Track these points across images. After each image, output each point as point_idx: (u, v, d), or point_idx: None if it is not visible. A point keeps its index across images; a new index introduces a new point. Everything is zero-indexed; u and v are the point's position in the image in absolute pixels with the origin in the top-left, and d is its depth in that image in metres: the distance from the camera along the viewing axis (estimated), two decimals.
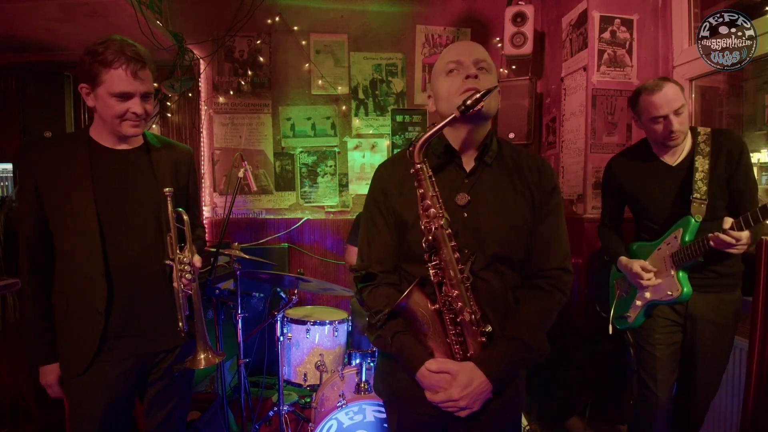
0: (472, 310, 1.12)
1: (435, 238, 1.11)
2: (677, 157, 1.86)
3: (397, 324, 1.19)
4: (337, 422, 1.97)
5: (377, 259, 1.26)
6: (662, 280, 1.84)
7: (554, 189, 1.24)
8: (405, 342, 1.18)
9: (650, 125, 1.84)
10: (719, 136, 1.81)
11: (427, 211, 1.11)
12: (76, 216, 1.36)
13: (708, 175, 1.76)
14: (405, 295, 1.13)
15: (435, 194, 1.13)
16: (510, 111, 3.10)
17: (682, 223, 1.80)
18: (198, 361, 1.45)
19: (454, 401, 1.12)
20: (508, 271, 1.20)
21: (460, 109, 1.08)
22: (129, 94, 1.35)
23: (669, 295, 1.82)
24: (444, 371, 1.14)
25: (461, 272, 1.11)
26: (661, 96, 1.77)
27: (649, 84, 1.82)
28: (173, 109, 3.56)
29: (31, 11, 2.60)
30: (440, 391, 1.14)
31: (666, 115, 1.77)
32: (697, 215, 1.75)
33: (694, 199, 1.76)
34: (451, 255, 1.11)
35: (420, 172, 1.12)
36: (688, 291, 1.78)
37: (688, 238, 1.76)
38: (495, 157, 1.24)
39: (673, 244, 1.81)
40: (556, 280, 1.20)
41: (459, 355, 1.16)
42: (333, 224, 3.73)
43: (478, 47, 1.22)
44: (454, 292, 1.11)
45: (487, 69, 1.19)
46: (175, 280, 1.42)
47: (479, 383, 1.12)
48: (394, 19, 3.66)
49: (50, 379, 1.44)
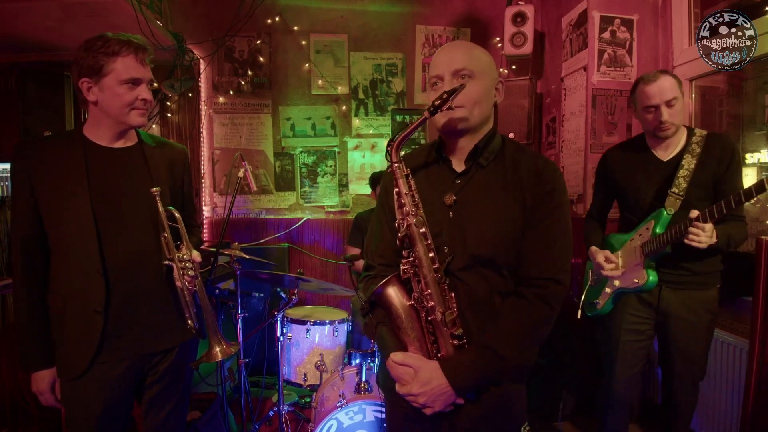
0: (445, 311, 1.12)
1: (408, 235, 1.13)
2: (669, 153, 1.88)
3: (382, 314, 1.22)
4: (337, 422, 1.97)
5: (378, 253, 1.30)
6: (630, 269, 1.89)
7: (552, 192, 1.16)
8: (383, 333, 1.22)
9: (643, 114, 1.87)
10: (713, 139, 1.82)
11: (401, 208, 1.15)
12: (72, 215, 1.35)
13: (691, 174, 1.78)
14: (380, 285, 1.16)
15: (410, 192, 1.16)
16: (510, 111, 3.10)
17: (655, 215, 1.84)
18: (214, 354, 1.46)
19: (414, 396, 1.13)
20: (493, 274, 1.16)
21: (429, 110, 1.12)
22: (139, 80, 1.37)
23: (635, 282, 1.87)
24: (407, 365, 1.15)
25: (435, 271, 1.12)
26: (655, 86, 1.80)
27: (648, 75, 1.85)
28: (173, 109, 3.56)
29: (31, 11, 2.60)
30: (405, 384, 1.15)
31: (657, 105, 1.80)
32: (670, 208, 1.79)
33: (671, 193, 1.80)
34: (425, 253, 1.12)
35: (397, 170, 1.16)
36: (653, 280, 1.83)
37: (659, 230, 1.80)
38: (494, 157, 1.22)
39: (645, 234, 1.86)
40: (542, 290, 1.13)
41: (433, 353, 1.16)
42: (333, 224, 3.73)
43: (458, 53, 1.19)
44: (427, 291, 1.12)
45: (469, 75, 1.16)
46: (178, 279, 1.41)
47: (438, 384, 1.11)
48: (394, 19, 3.66)
49: (42, 386, 1.41)
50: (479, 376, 1.13)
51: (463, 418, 1.17)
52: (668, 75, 1.82)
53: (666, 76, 1.81)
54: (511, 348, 1.12)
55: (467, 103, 1.16)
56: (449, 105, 1.11)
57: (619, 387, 1.97)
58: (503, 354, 1.11)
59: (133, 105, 1.38)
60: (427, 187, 1.21)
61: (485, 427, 1.18)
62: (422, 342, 1.17)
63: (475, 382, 1.14)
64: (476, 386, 1.15)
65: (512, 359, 1.12)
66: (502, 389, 1.18)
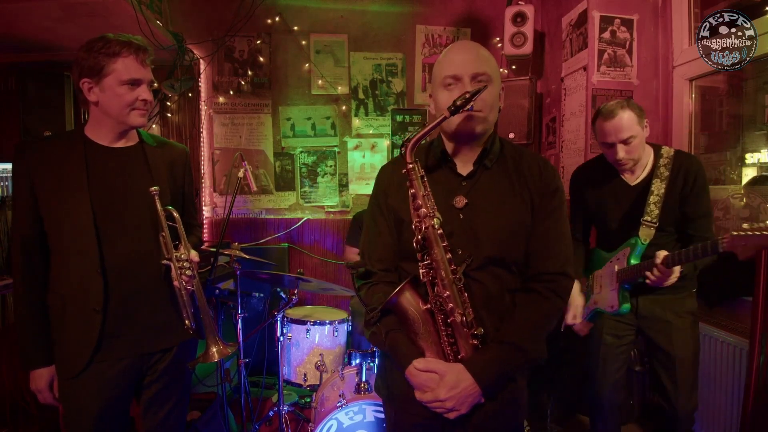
0: (464, 312, 1.12)
1: (426, 238, 1.12)
2: (636, 176, 1.88)
3: (392, 321, 1.20)
4: (337, 422, 1.97)
5: (377, 258, 1.27)
6: (608, 291, 1.92)
7: (555, 190, 1.21)
8: (398, 340, 1.18)
9: (602, 147, 1.88)
10: (680, 160, 1.81)
11: (417, 211, 1.13)
12: (71, 214, 1.36)
13: (662, 200, 1.78)
14: (396, 292, 1.13)
15: (426, 194, 1.14)
16: (510, 111, 3.10)
17: (629, 243, 1.85)
18: (211, 354, 1.46)
19: (441, 401, 1.11)
20: (504, 273, 1.19)
21: (450, 109, 1.09)
22: (139, 81, 1.38)
23: (611, 307, 1.90)
24: (431, 371, 1.14)
25: (453, 273, 1.12)
26: (612, 124, 1.77)
27: (607, 108, 1.81)
28: (173, 109, 3.56)
29: (31, 11, 2.60)
30: (428, 390, 1.13)
31: (613, 143, 1.79)
32: (645, 238, 1.80)
33: (644, 221, 1.80)
34: (443, 255, 1.11)
35: (412, 171, 1.14)
36: (626, 307, 1.86)
37: (633, 260, 1.82)
38: (496, 159, 1.23)
39: (622, 260, 1.87)
40: (554, 284, 1.18)
41: (451, 356, 1.15)
42: (333, 224, 3.73)
43: (478, 57, 1.17)
44: (445, 293, 1.11)
45: (487, 80, 1.16)
46: (176, 279, 1.41)
47: (467, 385, 1.11)
48: (394, 19, 3.66)
49: (41, 384, 1.41)
50: (503, 372, 1.15)
51: (476, 416, 1.16)
52: (627, 109, 1.77)
53: (625, 111, 1.76)
54: (530, 341, 1.15)
55: (485, 108, 1.16)
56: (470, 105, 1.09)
57: (604, 391, 1.98)
58: (524, 347, 1.13)
59: (134, 105, 1.39)
60: (433, 189, 1.20)
61: (496, 423, 1.19)
62: (438, 346, 1.16)
63: (499, 379, 1.16)
64: (500, 383, 1.16)
65: (532, 352, 1.15)
66: (515, 384, 1.21)
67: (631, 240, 1.84)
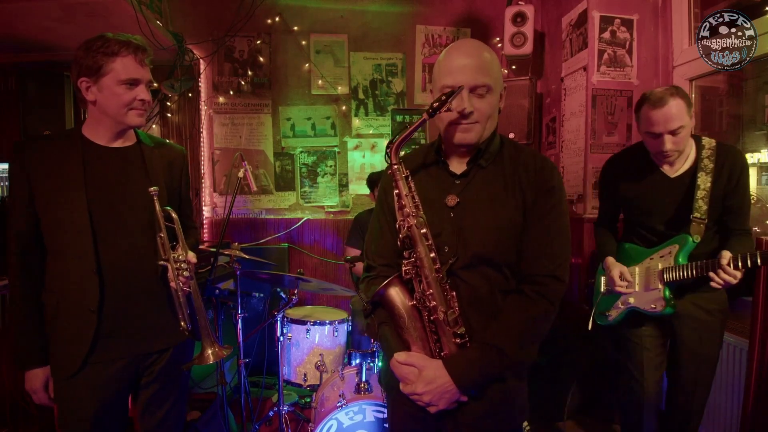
0: (447, 310, 1.13)
1: (409, 236, 1.14)
2: (676, 168, 1.79)
3: (384, 314, 1.23)
4: (337, 422, 1.97)
5: (378, 254, 1.30)
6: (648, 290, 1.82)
7: (552, 190, 1.17)
8: (386, 333, 1.22)
9: (646, 137, 1.78)
10: (723, 152, 1.73)
11: (401, 210, 1.16)
12: (68, 214, 1.35)
13: (709, 194, 1.69)
14: (383, 286, 1.17)
15: (410, 193, 1.16)
16: (510, 111, 3.10)
17: (679, 240, 1.75)
18: (206, 357, 1.44)
19: (418, 395, 1.14)
20: (493, 273, 1.17)
21: (428, 111, 1.13)
22: (137, 81, 1.37)
23: (652, 308, 1.80)
24: (411, 364, 1.16)
25: (437, 271, 1.13)
26: (661, 113, 1.66)
27: (656, 95, 1.70)
28: (173, 109, 3.56)
29: (31, 11, 2.60)
30: (408, 383, 1.16)
31: (660, 134, 1.69)
32: (696, 236, 1.71)
33: (694, 218, 1.71)
34: (427, 253, 1.13)
35: (396, 172, 1.17)
36: (670, 310, 1.76)
37: (682, 259, 1.73)
38: (493, 158, 1.23)
39: (667, 259, 1.77)
40: (542, 287, 1.15)
41: (436, 352, 1.17)
42: (333, 224, 3.73)
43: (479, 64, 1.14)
44: (429, 290, 1.13)
45: (488, 90, 1.14)
46: (172, 280, 1.40)
47: (443, 382, 1.12)
48: (394, 19, 3.66)
49: (36, 384, 1.40)
50: (482, 374, 1.14)
51: (466, 415, 1.17)
52: (677, 97, 1.66)
53: (675, 100, 1.65)
54: (513, 344, 1.13)
55: (482, 119, 1.16)
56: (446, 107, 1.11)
57: (650, 389, 1.88)
58: (506, 351, 1.12)
59: (131, 105, 1.38)
60: (427, 188, 1.22)
61: (488, 423, 1.19)
62: (425, 341, 1.18)
63: (478, 380, 1.15)
64: (480, 383, 1.16)
65: (514, 355, 1.13)
66: (506, 385, 1.19)
67: (680, 237, 1.74)
